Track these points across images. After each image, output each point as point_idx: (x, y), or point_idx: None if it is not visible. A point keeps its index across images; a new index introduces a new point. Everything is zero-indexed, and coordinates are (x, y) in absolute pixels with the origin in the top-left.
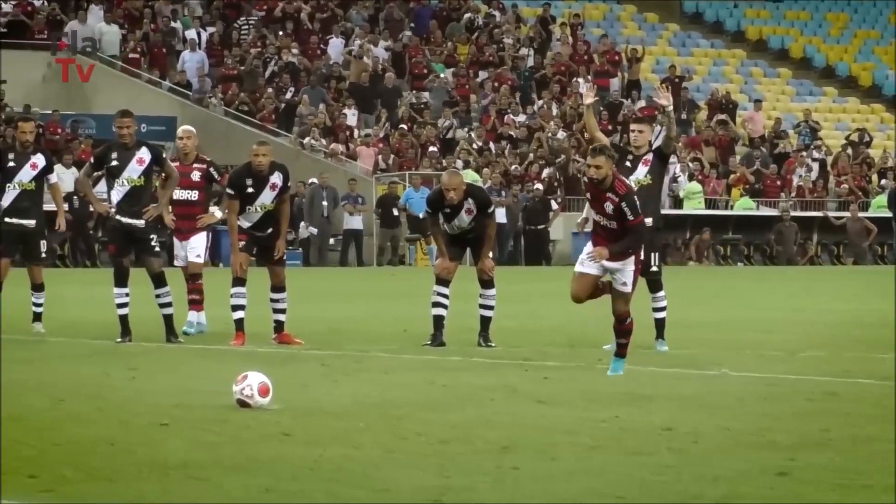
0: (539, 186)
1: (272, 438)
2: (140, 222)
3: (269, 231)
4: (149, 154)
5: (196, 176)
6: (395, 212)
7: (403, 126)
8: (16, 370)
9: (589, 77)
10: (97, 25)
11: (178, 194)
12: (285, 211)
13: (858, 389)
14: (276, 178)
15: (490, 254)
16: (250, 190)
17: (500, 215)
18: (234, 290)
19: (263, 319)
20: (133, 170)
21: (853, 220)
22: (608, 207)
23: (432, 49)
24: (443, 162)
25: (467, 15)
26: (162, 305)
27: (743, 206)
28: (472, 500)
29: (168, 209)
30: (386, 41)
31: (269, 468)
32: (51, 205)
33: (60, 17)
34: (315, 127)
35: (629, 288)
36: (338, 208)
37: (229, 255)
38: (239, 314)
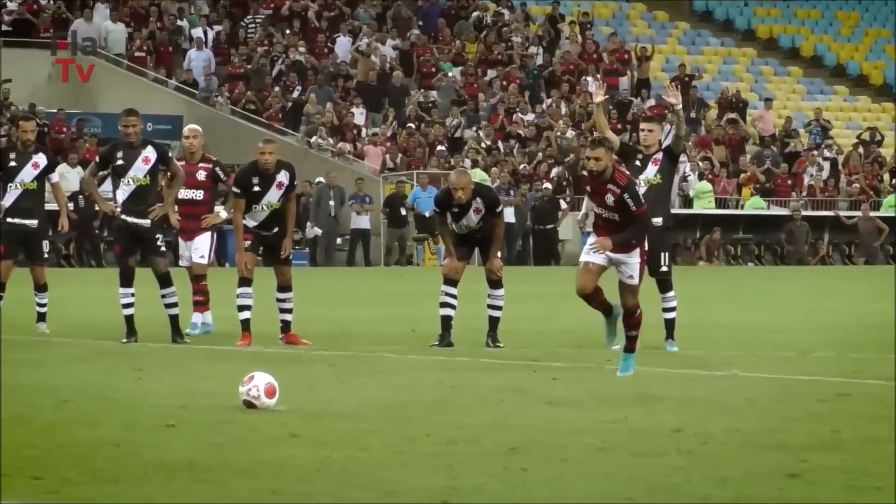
0: (548, 186)
1: (279, 440)
2: (146, 222)
3: (275, 230)
4: (154, 153)
5: (201, 175)
6: (403, 211)
7: (411, 125)
8: (20, 371)
9: (598, 76)
10: (103, 24)
11: (183, 194)
12: (291, 210)
13: (870, 391)
14: (283, 177)
15: (498, 254)
16: (257, 188)
17: (509, 215)
18: (241, 291)
19: (270, 320)
20: (139, 169)
21: (864, 220)
22: (609, 199)
23: (440, 47)
24: (451, 161)
25: (476, 13)
26: (168, 306)
27: (753, 206)
28: (481, 502)
29: (174, 209)
30: (394, 39)
31: (276, 470)
32: (53, 204)
33: (66, 16)
34: (322, 126)
35: (636, 280)
36: (345, 208)
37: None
38: (245, 314)
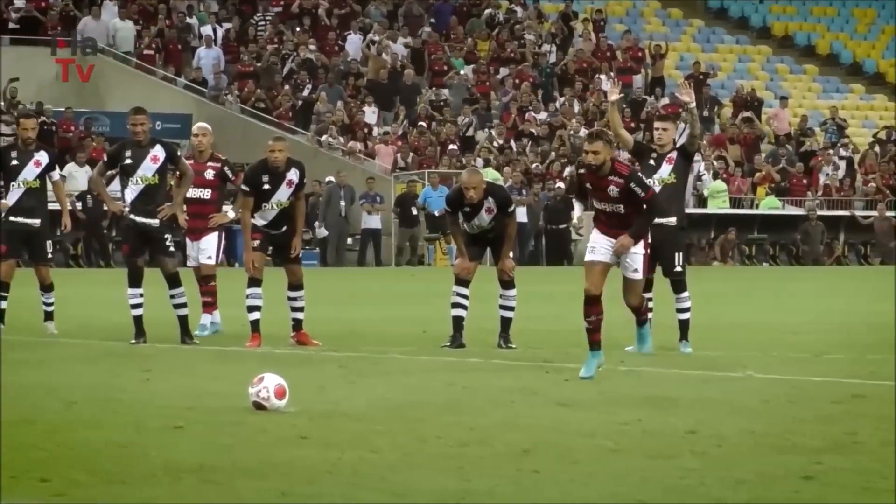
0: (561, 185)
1: (288, 441)
2: (154, 222)
3: (284, 229)
4: (163, 152)
5: (210, 174)
6: (414, 211)
7: (422, 124)
8: (27, 372)
9: (612, 74)
10: (111, 21)
11: (191, 193)
12: (301, 208)
13: (885, 392)
14: (293, 175)
15: (510, 254)
16: (266, 186)
17: (521, 214)
18: (250, 291)
19: (280, 321)
20: (147, 168)
21: (881, 220)
22: (613, 192)
23: (452, 45)
24: (463, 160)
25: (488, 10)
26: (176, 306)
27: (768, 205)
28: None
29: (182, 208)
30: (405, 37)
31: (286, 471)
32: (55, 203)
33: (74, 13)
34: (333, 125)
35: (640, 274)
36: (355, 207)
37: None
38: (255, 315)
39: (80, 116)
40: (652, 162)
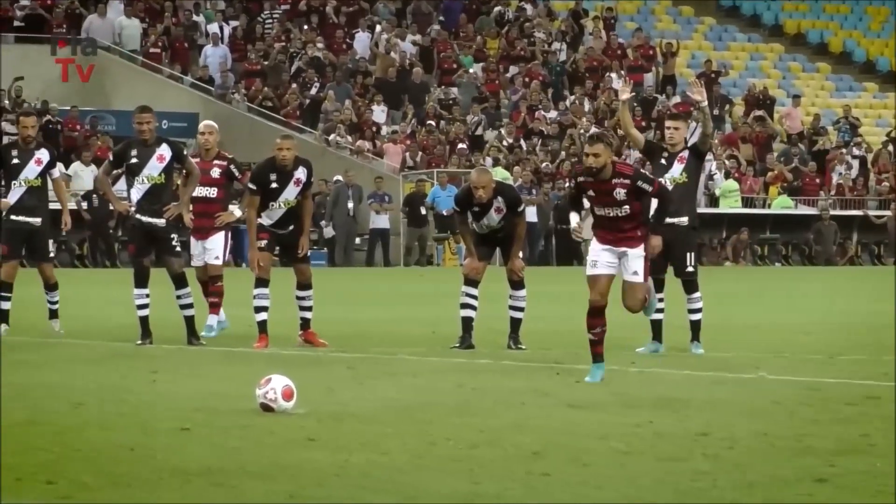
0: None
1: (296, 443)
2: (161, 221)
3: (291, 228)
4: (169, 151)
5: (216, 173)
6: (423, 210)
7: (431, 122)
8: (34, 373)
9: (623, 72)
10: (117, 19)
11: (197, 192)
12: (308, 207)
13: None
14: (301, 174)
15: (520, 254)
16: (274, 185)
17: (531, 214)
18: (258, 291)
19: (287, 321)
20: (153, 167)
21: (894, 219)
22: (620, 194)
23: (461, 43)
24: (472, 159)
25: (497, 8)
26: (183, 307)
27: (781, 205)
28: None
29: (188, 208)
30: (414, 35)
31: (294, 474)
32: (57, 203)
33: (80, 11)
34: (341, 123)
35: (640, 278)
36: (363, 207)
37: None
38: (262, 316)
39: (86, 115)
40: (663, 161)
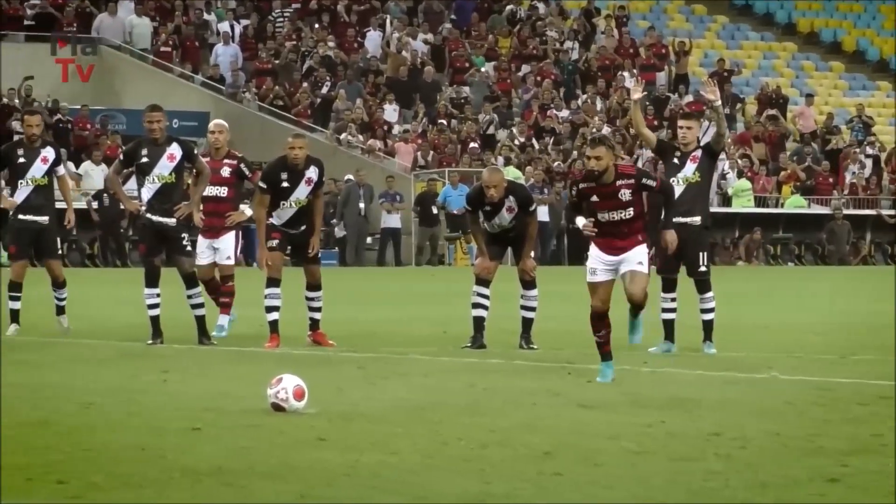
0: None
1: (307, 443)
2: (171, 221)
3: (302, 228)
4: (180, 150)
5: (226, 172)
6: (435, 210)
7: (443, 121)
8: (44, 373)
9: (635, 71)
10: (128, 18)
11: (207, 191)
12: (319, 207)
13: None
14: (312, 173)
15: (532, 253)
16: (285, 184)
17: (543, 213)
18: (269, 291)
19: (298, 321)
20: (164, 166)
21: None
22: (625, 195)
23: (473, 42)
24: (483, 159)
25: (509, 7)
26: (194, 306)
27: (794, 204)
28: None
29: (199, 207)
30: (425, 34)
31: (304, 474)
32: (63, 203)
33: (90, 10)
34: (352, 122)
35: (644, 267)
36: (375, 206)
37: None
38: (273, 315)
39: (96, 114)
40: (676, 161)
